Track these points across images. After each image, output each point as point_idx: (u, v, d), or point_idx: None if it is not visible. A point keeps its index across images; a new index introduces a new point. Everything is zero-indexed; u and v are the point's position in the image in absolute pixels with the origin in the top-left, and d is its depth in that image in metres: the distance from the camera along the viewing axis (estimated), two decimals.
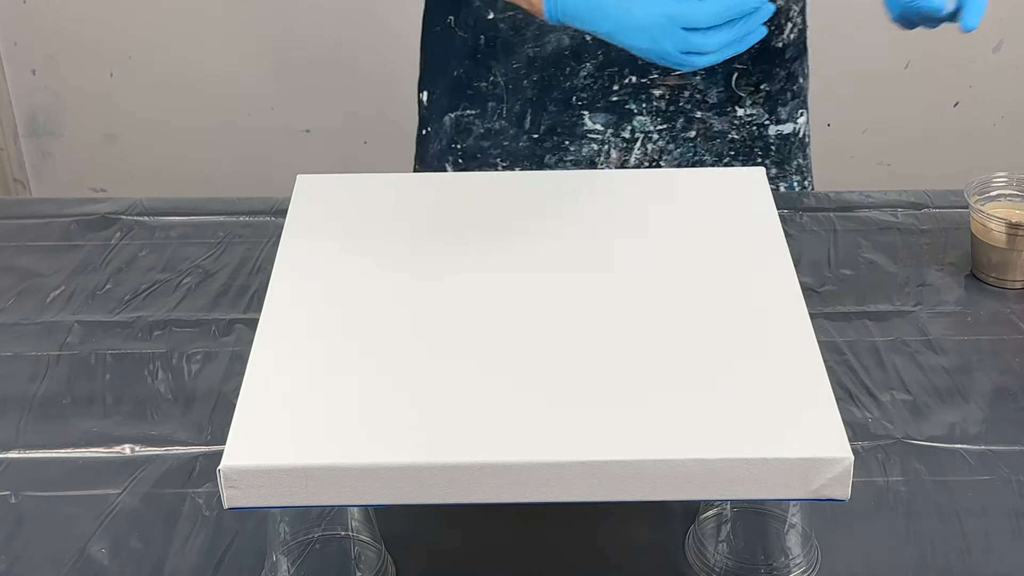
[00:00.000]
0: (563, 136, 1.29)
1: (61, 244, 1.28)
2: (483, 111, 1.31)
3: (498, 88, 1.29)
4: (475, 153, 1.32)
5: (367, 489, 0.78)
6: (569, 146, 1.30)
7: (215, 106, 2.42)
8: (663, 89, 1.27)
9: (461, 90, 1.31)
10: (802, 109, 1.33)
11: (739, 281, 0.94)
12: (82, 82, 2.41)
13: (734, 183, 1.07)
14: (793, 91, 1.31)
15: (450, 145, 1.33)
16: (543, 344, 0.87)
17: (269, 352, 0.88)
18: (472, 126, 1.31)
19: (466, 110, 1.31)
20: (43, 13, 2.35)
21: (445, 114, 1.33)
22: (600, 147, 1.29)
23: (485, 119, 1.30)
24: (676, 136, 1.30)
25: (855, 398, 1.06)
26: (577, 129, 1.29)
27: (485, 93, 1.30)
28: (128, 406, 1.07)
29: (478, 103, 1.31)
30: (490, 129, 1.31)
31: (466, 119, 1.31)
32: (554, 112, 1.28)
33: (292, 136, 2.45)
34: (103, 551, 0.93)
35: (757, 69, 1.27)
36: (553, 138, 1.30)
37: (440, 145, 1.35)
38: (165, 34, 2.36)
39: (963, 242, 1.24)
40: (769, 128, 1.31)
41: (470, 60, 1.29)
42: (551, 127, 1.29)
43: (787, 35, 1.27)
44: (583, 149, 1.30)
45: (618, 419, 0.81)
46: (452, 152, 1.33)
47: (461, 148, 1.33)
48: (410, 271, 0.96)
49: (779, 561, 0.89)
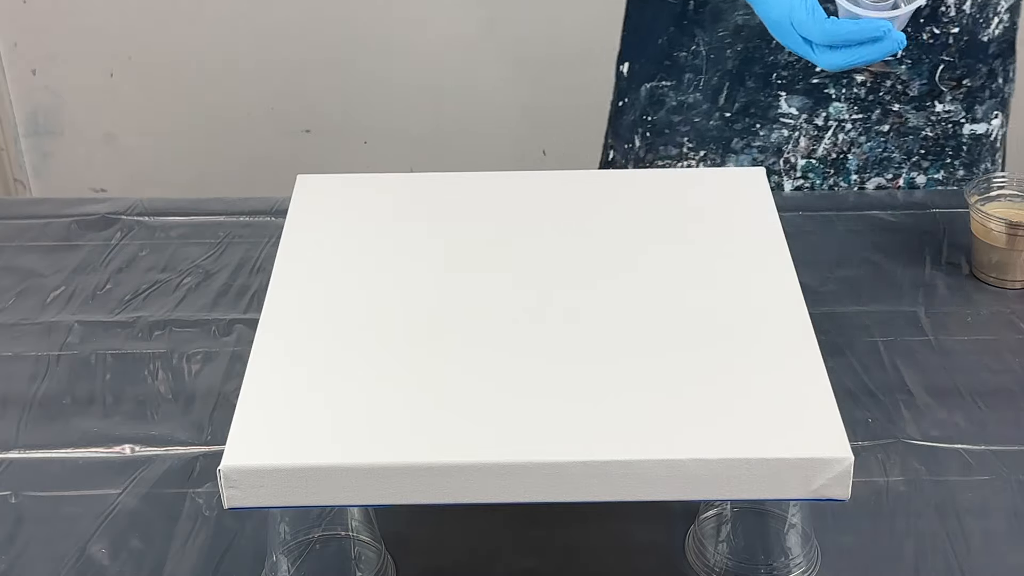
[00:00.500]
0: (755, 118, 1.28)
1: (61, 244, 1.28)
2: (679, 82, 1.30)
3: (698, 58, 1.28)
4: (664, 127, 1.32)
5: (367, 489, 0.78)
6: (759, 130, 1.29)
7: (215, 106, 2.42)
8: (866, 75, 1.25)
9: (660, 59, 1.30)
10: (998, 111, 1.32)
11: (739, 281, 0.94)
12: (82, 82, 2.41)
13: (734, 183, 1.07)
14: (992, 90, 1.30)
15: (642, 117, 1.33)
16: (543, 344, 0.87)
17: (269, 352, 0.88)
18: (666, 98, 1.31)
19: (663, 80, 1.31)
20: (43, 13, 2.35)
21: (643, 84, 1.33)
22: (791, 134, 1.28)
23: (680, 91, 1.30)
24: (870, 128, 1.29)
25: (855, 398, 1.06)
26: (771, 112, 1.28)
27: (684, 63, 1.29)
28: (128, 406, 1.07)
29: (675, 74, 1.30)
30: (683, 103, 1.30)
31: (661, 90, 1.31)
32: (752, 89, 1.27)
33: (292, 136, 2.45)
34: (103, 551, 0.93)
35: (962, 63, 1.26)
36: (745, 119, 1.29)
37: (633, 116, 1.34)
38: (165, 34, 2.36)
39: (963, 242, 1.24)
40: (964, 127, 1.30)
41: (675, 27, 1.28)
42: (745, 106, 1.28)
43: (992, 30, 1.26)
44: (773, 135, 1.29)
45: (618, 419, 0.81)
46: (642, 124, 1.33)
47: (651, 120, 1.32)
48: (410, 271, 0.96)
49: (779, 561, 0.89)
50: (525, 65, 2.40)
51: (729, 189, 1.06)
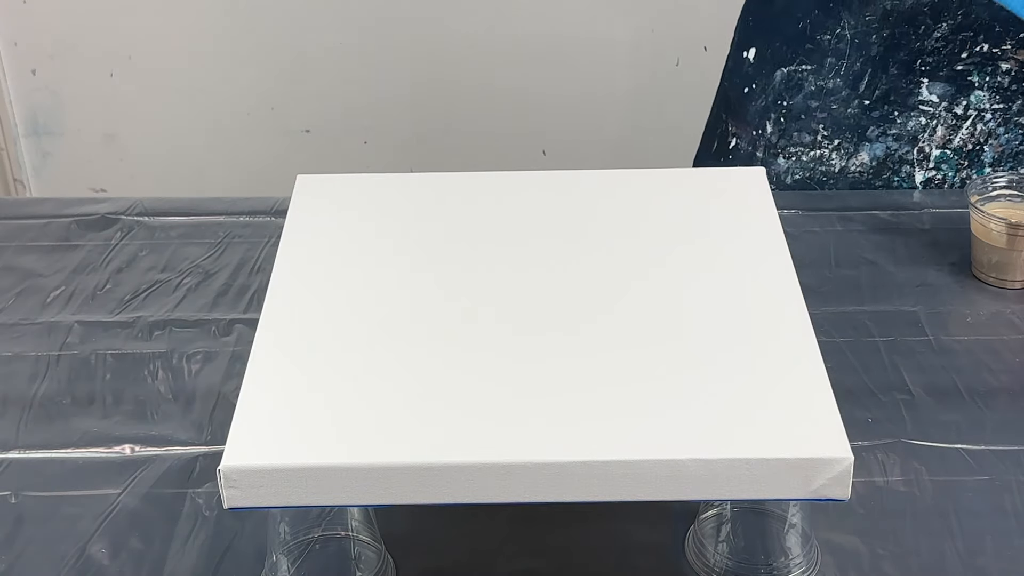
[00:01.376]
0: (895, 105, 1.27)
1: (61, 244, 1.28)
2: (820, 67, 1.29)
3: (843, 42, 1.27)
4: (800, 113, 1.31)
5: (367, 489, 0.78)
6: (897, 118, 1.27)
7: (215, 106, 2.42)
8: (1012, 63, 1.24)
9: (801, 43, 1.29)
10: None
11: (739, 281, 0.94)
12: (82, 82, 2.41)
13: (734, 183, 1.07)
14: None
15: (776, 102, 1.32)
16: (543, 344, 0.87)
17: (269, 352, 0.88)
18: (804, 82, 1.30)
19: (802, 64, 1.30)
20: (43, 13, 2.35)
21: (777, 68, 1.32)
22: (929, 121, 1.27)
23: (820, 75, 1.29)
24: (1009, 119, 1.27)
25: (855, 398, 1.06)
26: (911, 99, 1.26)
27: (826, 47, 1.28)
28: (128, 406, 1.07)
29: (816, 58, 1.29)
30: (823, 87, 1.29)
31: (799, 74, 1.30)
32: (894, 76, 1.26)
33: (292, 136, 2.45)
34: (103, 551, 0.93)
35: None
36: (884, 107, 1.27)
37: (765, 102, 1.33)
38: (165, 34, 2.36)
39: (963, 242, 1.24)
40: None
41: (820, 10, 1.27)
42: (885, 93, 1.27)
43: None
44: (910, 122, 1.27)
45: (618, 419, 0.81)
46: (776, 109, 1.32)
47: (787, 106, 1.31)
48: (410, 271, 0.96)
49: (779, 561, 0.89)
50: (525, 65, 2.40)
51: (729, 189, 1.06)
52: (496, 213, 1.03)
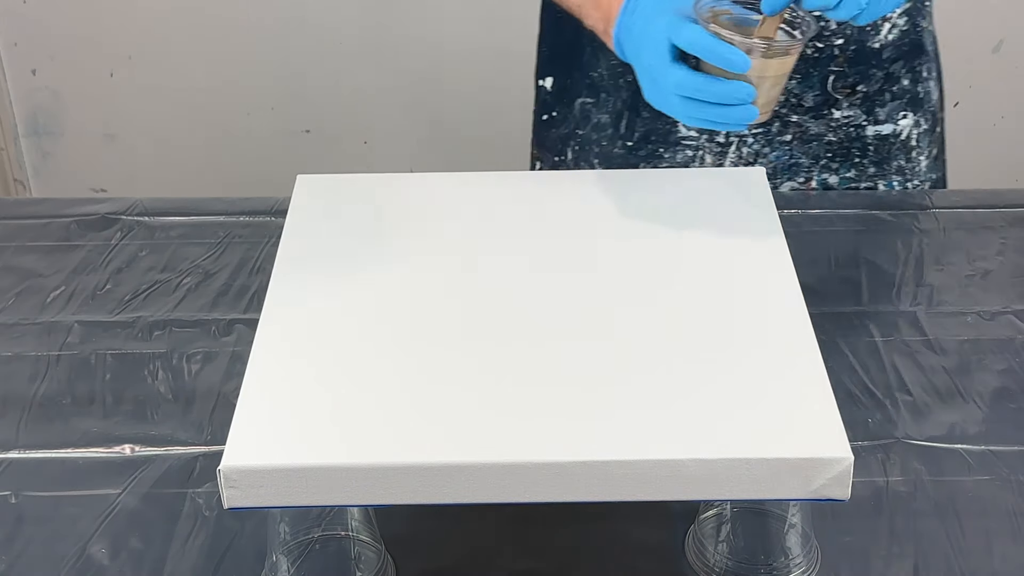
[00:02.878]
0: (657, 144, 1.29)
1: (61, 244, 1.28)
2: (598, 100, 1.30)
3: (604, 80, 1.29)
4: (587, 143, 1.32)
5: (367, 489, 0.78)
6: (664, 153, 1.29)
7: (215, 106, 2.42)
8: None
9: (584, 76, 1.31)
10: (905, 111, 1.32)
11: (739, 281, 0.94)
12: (82, 82, 2.41)
13: (734, 183, 1.07)
14: (893, 92, 1.30)
15: (575, 131, 1.33)
16: (543, 344, 0.87)
17: (269, 352, 0.88)
18: (591, 114, 1.31)
19: (587, 98, 1.31)
20: (43, 13, 2.35)
21: (575, 99, 1.33)
22: (695, 153, 1.28)
23: (599, 108, 1.30)
24: (772, 140, 1.29)
25: (855, 398, 1.06)
26: (671, 136, 1.28)
27: (598, 82, 1.29)
28: (128, 406, 1.07)
29: (594, 91, 1.30)
30: (599, 121, 1.30)
31: (587, 106, 1.31)
32: (648, 119, 1.28)
33: (292, 136, 2.45)
34: (103, 551, 0.93)
35: (853, 71, 1.26)
36: (647, 146, 1.29)
37: (566, 130, 1.34)
38: (165, 34, 2.36)
39: (963, 242, 1.24)
40: (867, 129, 1.30)
41: (590, 46, 1.29)
42: (645, 135, 1.29)
43: (884, 36, 1.26)
44: (678, 155, 1.29)
45: (618, 419, 0.81)
46: (574, 138, 1.33)
47: (581, 135, 1.33)
48: (410, 271, 0.96)
49: (779, 561, 0.89)
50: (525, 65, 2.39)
51: (729, 189, 1.06)
52: (496, 213, 1.03)
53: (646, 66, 1.03)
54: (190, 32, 2.36)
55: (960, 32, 2.26)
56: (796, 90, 1.27)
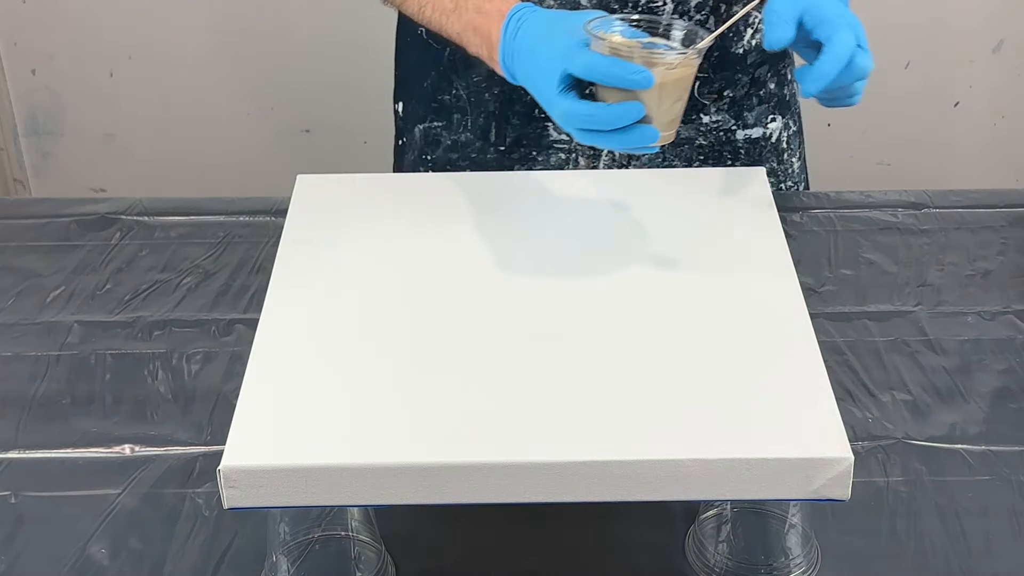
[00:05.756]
0: (530, 147, 1.28)
1: (61, 244, 1.28)
2: (449, 123, 1.30)
3: (461, 101, 1.28)
4: (444, 164, 1.31)
5: (367, 489, 0.78)
6: (537, 156, 1.28)
7: (215, 106, 2.42)
8: None
9: (429, 102, 1.30)
10: (774, 115, 1.31)
11: (739, 281, 0.94)
12: (82, 82, 2.41)
13: (734, 183, 1.07)
14: (760, 96, 1.29)
15: (421, 156, 1.33)
16: (543, 344, 0.87)
17: (269, 352, 0.88)
18: (440, 138, 1.30)
19: (433, 122, 1.30)
20: (43, 13, 2.35)
21: (416, 125, 1.33)
22: (568, 155, 1.28)
23: (452, 131, 1.29)
24: None
25: (855, 398, 1.06)
26: (543, 140, 1.27)
27: (450, 106, 1.29)
28: (128, 406, 1.07)
29: (444, 115, 1.30)
30: (457, 141, 1.29)
31: (434, 131, 1.30)
32: (518, 125, 1.27)
33: (292, 136, 2.45)
34: (103, 551, 0.93)
35: (719, 76, 1.26)
36: (520, 150, 1.28)
37: (413, 155, 1.34)
38: (165, 34, 2.36)
39: (963, 242, 1.24)
40: (737, 133, 1.29)
41: (436, 72, 1.28)
42: (517, 139, 1.28)
43: (747, 41, 1.25)
44: (551, 158, 1.28)
45: (618, 419, 0.81)
46: (423, 163, 1.33)
47: (431, 159, 1.32)
48: (410, 271, 0.96)
49: (779, 561, 0.89)
50: None
51: (729, 189, 1.06)
52: (496, 213, 1.03)
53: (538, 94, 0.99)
54: (190, 32, 2.36)
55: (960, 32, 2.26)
56: None
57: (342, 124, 2.44)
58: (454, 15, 1.09)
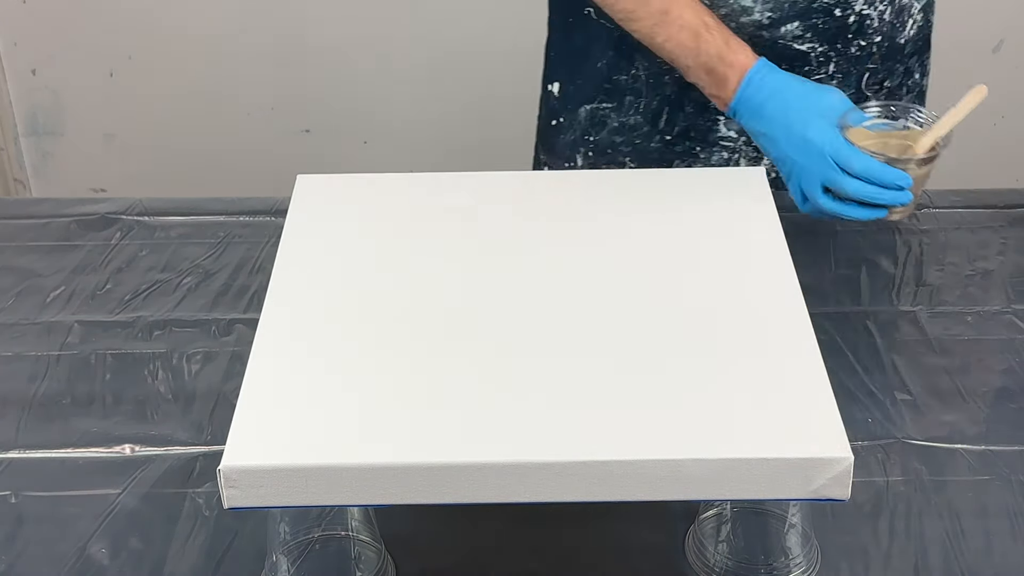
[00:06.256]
0: (695, 141, 1.29)
1: (61, 244, 1.28)
2: (620, 104, 1.30)
3: (638, 82, 1.28)
4: (606, 147, 1.32)
5: (367, 489, 0.78)
6: (700, 153, 1.30)
7: (215, 106, 2.42)
8: None
9: (600, 82, 1.31)
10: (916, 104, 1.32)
11: (739, 281, 0.94)
12: (82, 82, 2.41)
13: (734, 183, 1.07)
14: (908, 86, 1.31)
15: (583, 137, 1.34)
16: (543, 344, 0.87)
17: (269, 352, 0.88)
18: (607, 119, 1.31)
19: (603, 103, 1.31)
20: (43, 13, 2.35)
21: (581, 105, 1.33)
22: (731, 155, 1.29)
23: (621, 112, 1.30)
24: None
25: (855, 398, 1.06)
26: (710, 135, 1.29)
27: (624, 87, 1.29)
28: (128, 406, 1.07)
29: (616, 96, 1.30)
30: (624, 124, 1.30)
31: (602, 112, 1.31)
32: (691, 114, 1.28)
33: (292, 136, 2.45)
34: (103, 551, 0.93)
35: (884, 67, 1.27)
36: (685, 143, 1.30)
37: (573, 136, 1.35)
38: (165, 34, 2.36)
39: (963, 242, 1.24)
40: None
41: (614, 51, 1.29)
42: (685, 130, 1.29)
43: (908, 31, 1.27)
44: (713, 157, 1.30)
45: (618, 419, 0.81)
46: (584, 143, 1.34)
47: (593, 141, 1.33)
48: (410, 271, 0.96)
49: (779, 561, 0.89)
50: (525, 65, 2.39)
51: (729, 189, 1.06)
52: (496, 213, 1.03)
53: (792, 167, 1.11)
54: (190, 32, 2.36)
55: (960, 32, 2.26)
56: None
57: (342, 124, 2.44)
58: (691, 53, 1.16)
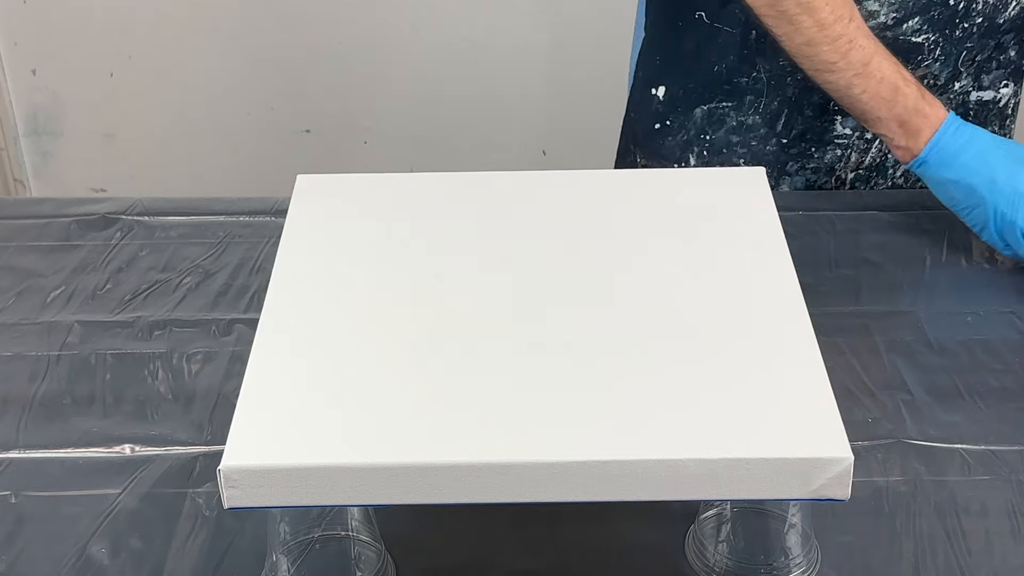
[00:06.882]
0: (811, 143, 1.32)
1: (61, 244, 1.28)
2: (741, 103, 1.33)
3: (760, 83, 1.31)
4: (722, 147, 1.34)
5: (367, 489, 0.78)
6: (814, 153, 1.32)
7: (215, 106, 2.42)
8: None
9: (719, 84, 1.33)
10: (1008, 80, 1.34)
11: (739, 281, 0.94)
12: (82, 82, 2.41)
13: (734, 183, 1.07)
14: (999, 60, 1.32)
15: (699, 136, 1.35)
16: (543, 344, 0.87)
17: (269, 352, 0.88)
18: (727, 118, 1.33)
19: (722, 102, 1.33)
20: (43, 13, 2.35)
21: (696, 107, 1.35)
22: (844, 152, 1.32)
23: (741, 111, 1.33)
24: None
25: (855, 398, 1.06)
26: (826, 135, 1.31)
27: (746, 88, 1.32)
28: (128, 406, 1.07)
29: (736, 96, 1.33)
30: (743, 123, 1.33)
31: (721, 110, 1.33)
32: (809, 117, 1.31)
33: (292, 136, 2.45)
34: (103, 551, 0.93)
35: (979, 44, 1.29)
36: (801, 144, 1.32)
37: (686, 136, 1.36)
38: (165, 34, 2.37)
39: (963, 242, 1.24)
40: (971, 95, 1.33)
41: (735, 55, 1.31)
42: (802, 132, 1.32)
43: (1010, 12, 1.28)
44: (827, 156, 1.32)
45: (618, 419, 0.81)
46: (699, 142, 1.35)
47: (709, 140, 1.35)
48: (410, 271, 0.96)
49: (779, 561, 0.89)
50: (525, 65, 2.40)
51: (729, 189, 1.06)
52: (496, 213, 1.03)
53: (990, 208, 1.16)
54: (190, 32, 2.36)
55: None
56: (935, 70, 1.29)
57: (342, 124, 2.44)
58: (887, 106, 1.19)
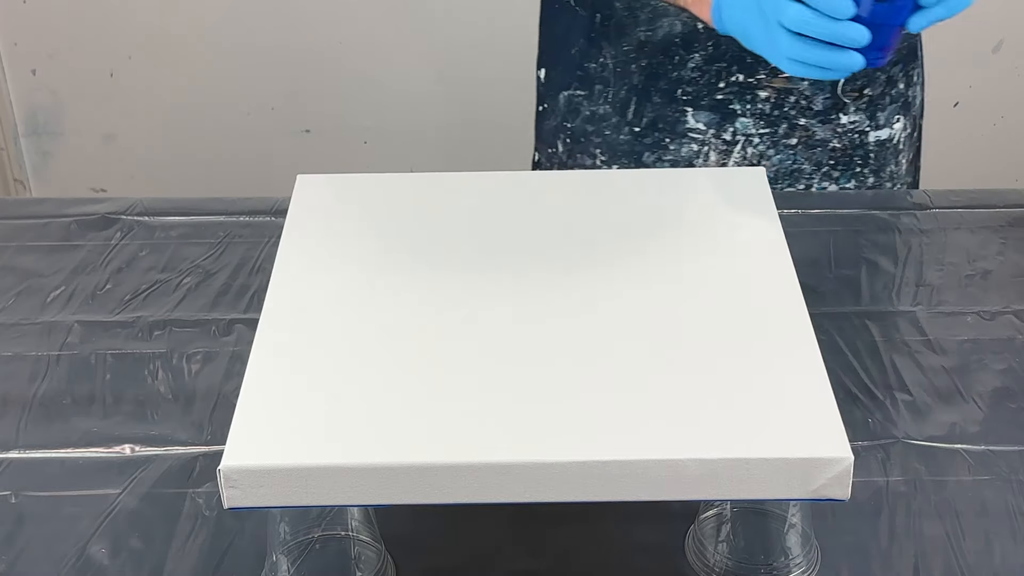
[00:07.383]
0: (664, 132, 1.30)
1: (61, 244, 1.28)
2: (591, 93, 1.32)
3: (606, 71, 1.30)
4: (580, 136, 1.34)
5: (367, 489, 0.78)
6: (669, 144, 1.30)
7: (215, 106, 2.42)
8: (769, 91, 1.28)
9: (574, 69, 1.32)
10: (899, 115, 1.33)
11: (739, 281, 0.94)
12: (82, 82, 2.41)
13: (734, 183, 1.07)
14: (892, 95, 1.31)
15: (563, 123, 1.35)
16: (543, 344, 0.87)
17: (269, 352, 0.88)
18: (581, 107, 1.33)
19: (577, 90, 1.33)
20: (43, 13, 2.35)
21: (560, 92, 1.35)
22: (700, 148, 1.30)
23: (592, 101, 1.32)
24: (777, 142, 1.30)
25: (855, 398, 1.06)
26: (679, 127, 1.29)
27: (594, 75, 1.31)
28: (128, 406, 1.07)
29: (587, 84, 1.32)
30: (595, 113, 1.32)
31: (577, 99, 1.33)
32: (658, 104, 1.29)
33: (292, 136, 2.45)
34: (103, 551, 0.93)
35: (862, 73, 1.27)
36: (654, 134, 1.30)
37: (555, 122, 1.36)
38: (165, 34, 2.37)
39: (963, 242, 1.24)
40: (869, 135, 1.32)
41: (585, 39, 1.30)
42: (653, 121, 1.30)
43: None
44: (683, 149, 1.30)
45: (618, 419, 0.81)
46: (563, 130, 1.35)
47: (570, 127, 1.34)
48: (410, 271, 0.96)
49: (779, 561, 0.89)
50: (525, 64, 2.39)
51: (729, 189, 1.06)
52: (496, 213, 1.03)
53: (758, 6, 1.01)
54: (190, 32, 2.36)
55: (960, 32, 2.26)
56: (808, 92, 1.28)
57: (342, 124, 2.44)
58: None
